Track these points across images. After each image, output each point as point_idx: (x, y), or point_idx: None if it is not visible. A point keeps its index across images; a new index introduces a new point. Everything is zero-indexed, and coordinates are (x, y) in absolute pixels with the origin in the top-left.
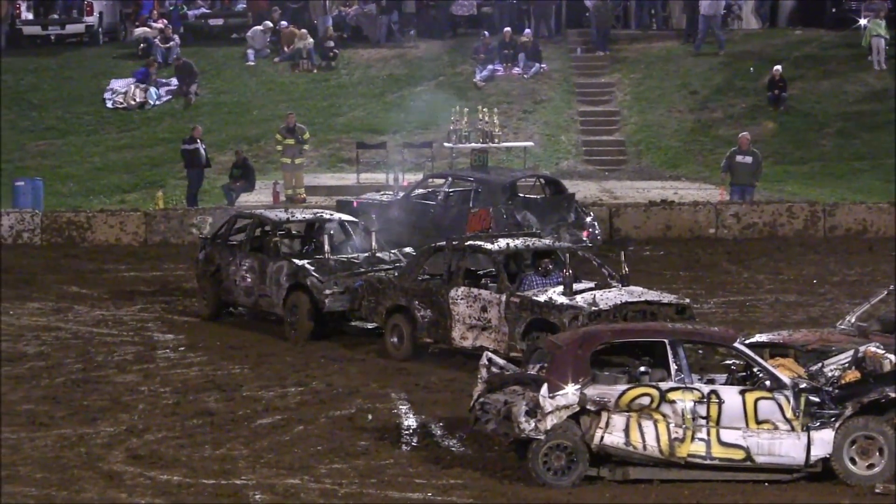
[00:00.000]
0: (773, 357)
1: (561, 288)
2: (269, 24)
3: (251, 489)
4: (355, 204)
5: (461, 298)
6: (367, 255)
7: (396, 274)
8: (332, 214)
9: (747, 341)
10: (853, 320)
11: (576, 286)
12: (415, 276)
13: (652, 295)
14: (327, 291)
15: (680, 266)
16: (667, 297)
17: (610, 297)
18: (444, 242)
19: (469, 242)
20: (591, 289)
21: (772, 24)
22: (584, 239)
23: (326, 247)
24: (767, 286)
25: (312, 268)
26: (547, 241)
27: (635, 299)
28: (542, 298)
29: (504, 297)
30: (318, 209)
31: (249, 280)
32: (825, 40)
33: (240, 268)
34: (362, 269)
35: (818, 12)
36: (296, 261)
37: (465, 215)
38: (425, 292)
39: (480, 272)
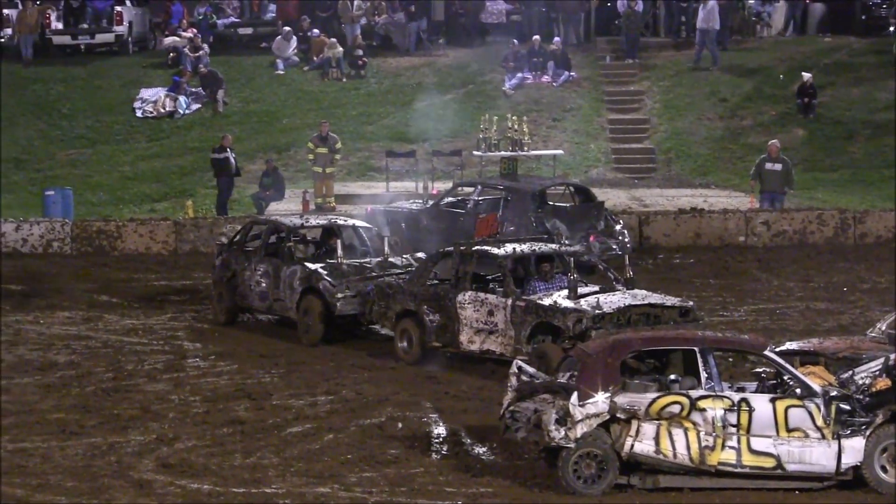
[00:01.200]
0: (804, 365)
1: (566, 292)
2: (287, 28)
3: (281, 498)
4: (368, 210)
5: (468, 303)
6: (379, 259)
7: (406, 279)
8: (345, 220)
9: (777, 349)
10: (884, 328)
11: (581, 290)
12: (423, 281)
13: (655, 298)
14: (339, 295)
15: (710, 274)
16: (670, 300)
17: (614, 300)
18: (451, 247)
19: (476, 247)
20: (595, 293)
21: (801, 32)
22: (614, 247)
23: (339, 251)
24: (797, 294)
25: (325, 272)
26: (553, 246)
27: (639, 302)
28: (546, 302)
29: (510, 301)
30: (335, 216)
31: (264, 285)
32: (855, 47)
33: (255, 273)
34: (374, 274)
35: (848, 19)
36: (309, 265)
37: (495, 223)
38: (434, 297)
39: (489, 277)
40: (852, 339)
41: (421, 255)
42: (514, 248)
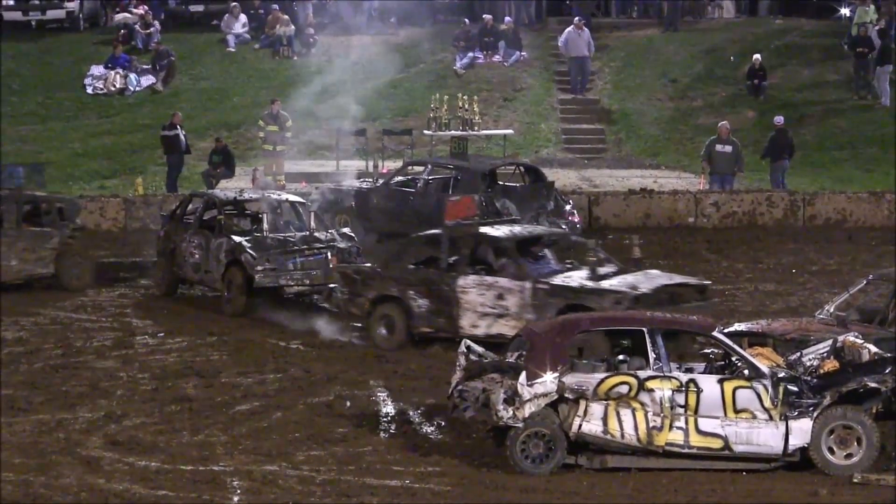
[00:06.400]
0: (752, 346)
1: (582, 272)
2: (234, 3)
3: (229, 475)
4: (303, 185)
5: (471, 287)
6: (303, 233)
7: (378, 264)
8: (279, 194)
9: (726, 330)
10: (832, 310)
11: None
12: (405, 265)
13: (678, 278)
14: (258, 268)
15: (659, 255)
16: (691, 280)
17: (646, 280)
18: (436, 231)
19: (473, 230)
20: (614, 273)
21: (752, 13)
22: (563, 228)
23: (265, 225)
24: (746, 275)
25: (249, 245)
26: (543, 228)
27: (671, 282)
28: (574, 284)
29: (529, 285)
30: (270, 191)
31: (197, 256)
32: (806, 29)
33: (190, 244)
34: (297, 248)
35: (799, 2)
36: (235, 238)
37: (444, 203)
38: (422, 281)
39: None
40: (800, 320)
41: (347, 230)
42: (510, 231)
